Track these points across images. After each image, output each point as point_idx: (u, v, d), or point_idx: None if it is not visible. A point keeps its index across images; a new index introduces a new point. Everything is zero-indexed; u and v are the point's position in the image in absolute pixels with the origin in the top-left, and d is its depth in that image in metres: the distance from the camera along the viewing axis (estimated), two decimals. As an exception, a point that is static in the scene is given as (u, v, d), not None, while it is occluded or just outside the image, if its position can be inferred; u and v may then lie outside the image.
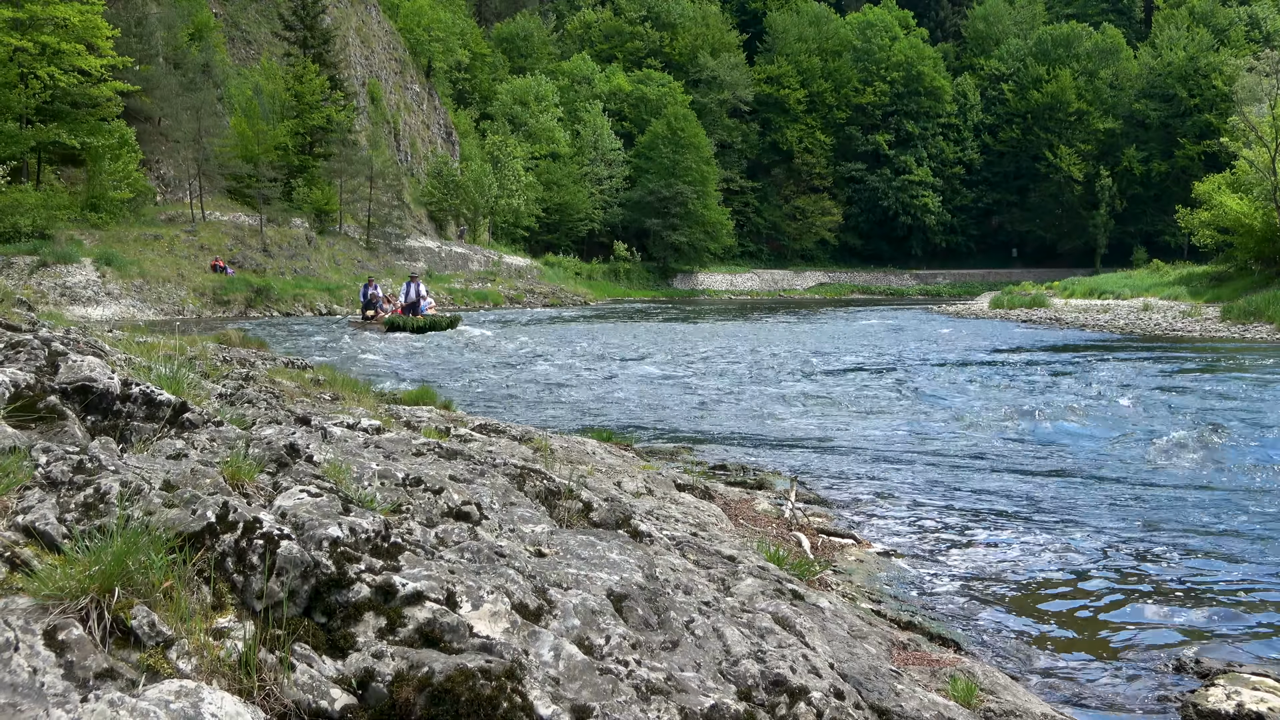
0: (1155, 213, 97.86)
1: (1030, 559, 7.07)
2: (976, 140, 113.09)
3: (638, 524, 4.48)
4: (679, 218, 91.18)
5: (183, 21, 55.24)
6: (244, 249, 47.17)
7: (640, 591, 3.14)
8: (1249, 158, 44.72)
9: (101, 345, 5.06)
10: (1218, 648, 5.38)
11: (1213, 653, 5.23)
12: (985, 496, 9.09)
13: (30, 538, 2.45)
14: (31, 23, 38.07)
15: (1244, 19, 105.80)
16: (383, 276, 48.47)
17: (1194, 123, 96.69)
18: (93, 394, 3.41)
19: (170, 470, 2.99)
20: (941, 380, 19.23)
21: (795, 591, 4.42)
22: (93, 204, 41.88)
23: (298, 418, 5.03)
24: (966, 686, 3.81)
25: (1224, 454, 11.12)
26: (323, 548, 2.57)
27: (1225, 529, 7.86)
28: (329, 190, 56.39)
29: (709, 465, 10.27)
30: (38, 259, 35.78)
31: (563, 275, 77.47)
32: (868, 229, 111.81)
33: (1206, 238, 48.97)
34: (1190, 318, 37.39)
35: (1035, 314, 46.53)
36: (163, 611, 2.26)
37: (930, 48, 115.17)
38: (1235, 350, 26.22)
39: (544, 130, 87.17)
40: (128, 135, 42.37)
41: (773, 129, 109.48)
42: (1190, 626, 5.73)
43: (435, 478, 3.69)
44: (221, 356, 9.95)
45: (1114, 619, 5.83)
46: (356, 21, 74.96)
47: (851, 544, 7.21)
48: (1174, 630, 5.66)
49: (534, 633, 2.60)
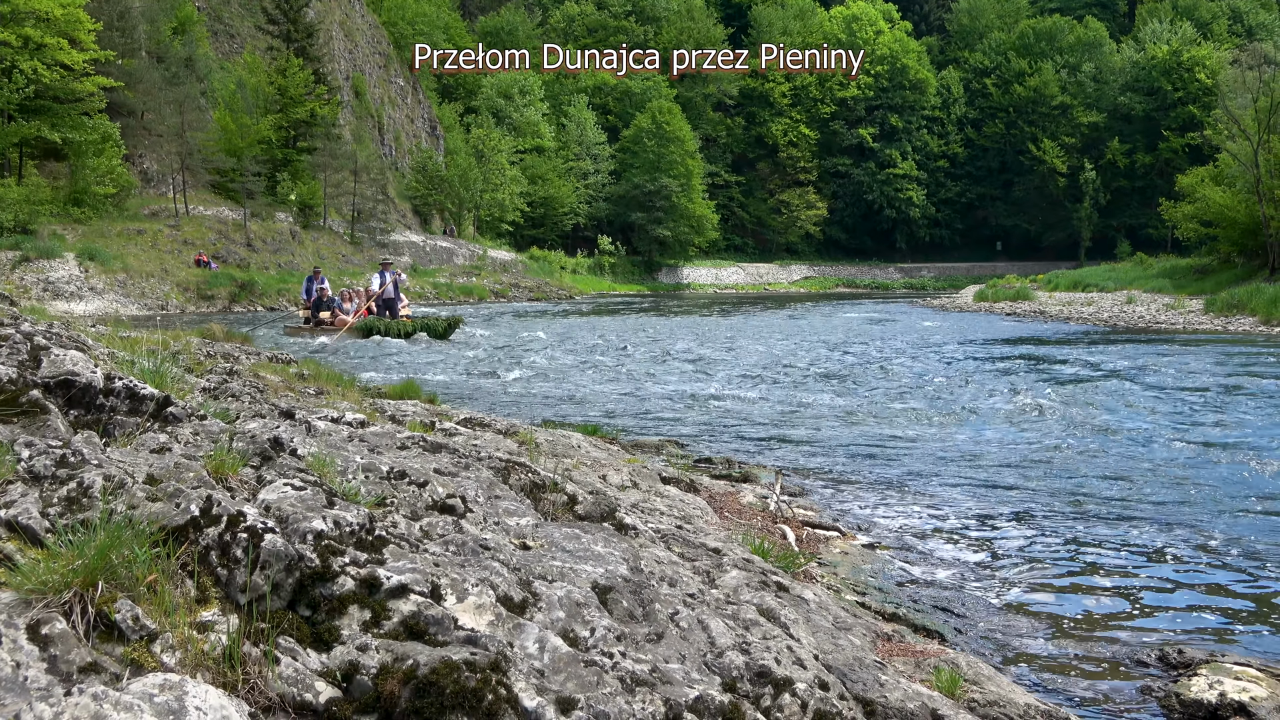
0: (1139, 206, 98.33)
1: (1014, 550, 7.10)
2: (960, 134, 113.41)
3: (623, 517, 4.48)
4: (664, 212, 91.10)
5: (165, 15, 55.05)
6: (228, 243, 47.00)
7: (625, 584, 3.14)
8: (1232, 151, 44.98)
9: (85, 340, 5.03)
10: (1201, 638, 5.42)
11: (1196, 643, 5.26)
12: (969, 489, 9.12)
13: (13, 532, 2.44)
14: (13, 16, 37.87)
15: (1227, 12, 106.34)
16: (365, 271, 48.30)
17: (1178, 115, 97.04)
18: (75, 388, 3.40)
19: (154, 464, 2.98)
20: (926, 373, 19.27)
21: (780, 584, 4.43)
22: (76, 199, 41.71)
23: (282, 411, 5.02)
24: (950, 677, 3.82)
25: (1205, 447, 11.18)
26: (307, 541, 2.57)
27: (1208, 521, 7.90)
28: (313, 184, 56.25)
29: (694, 458, 10.27)
30: (20, 254, 35.63)
31: (548, 269, 77.40)
32: (852, 223, 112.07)
33: (1190, 231, 49.24)
34: (1174, 310, 37.56)
35: (1020, 307, 46.69)
36: (146, 605, 2.26)
37: (915, 41, 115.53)
38: (1217, 343, 26.33)
39: (529, 124, 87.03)
40: (111, 130, 42.19)
41: (757, 123, 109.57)
42: (1174, 617, 5.76)
43: (420, 471, 3.69)
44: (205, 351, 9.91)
45: (1097, 610, 5.85)
46: (340, 15, 74.74)
47: (836, 536, 7.22)
48: (1158, 621, 5.69)
49: (519, 625, 2.60)
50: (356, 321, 25.28)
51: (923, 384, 17.54)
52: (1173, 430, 12.28)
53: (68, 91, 40.70)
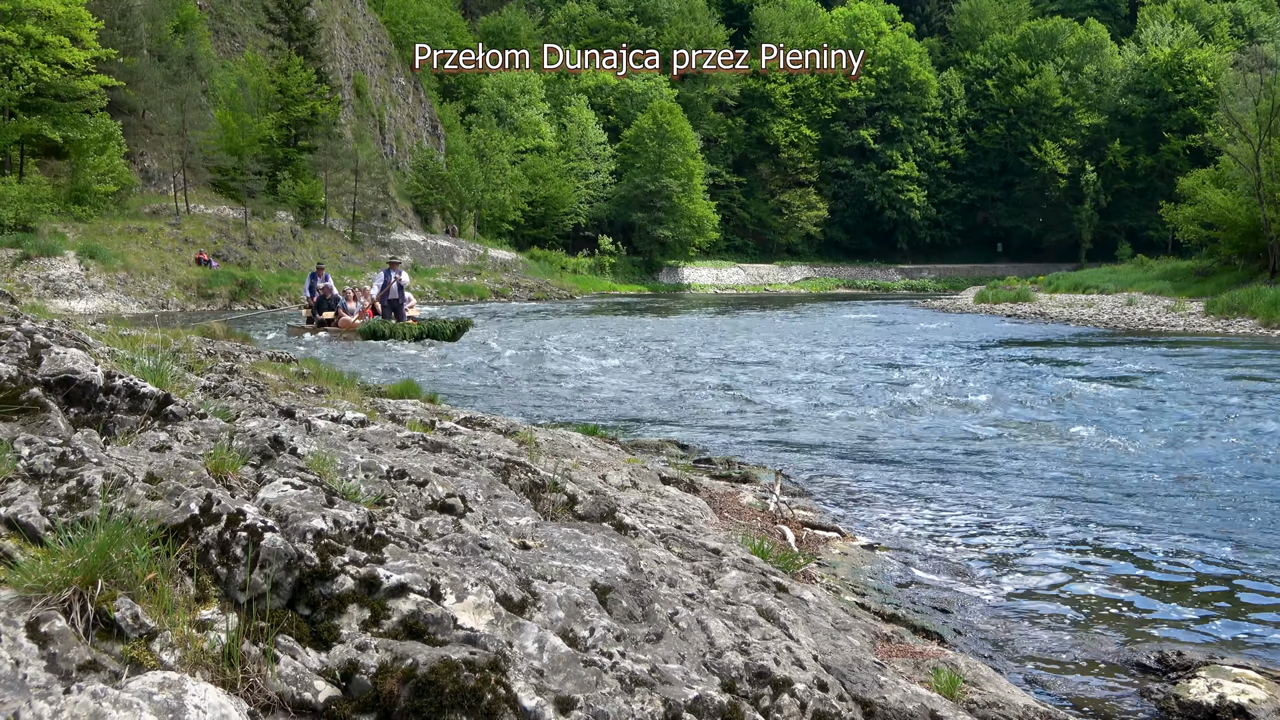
0: (1140, 208, 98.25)
1: (1013, 552, 7.10)
2: (961, 135, 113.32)
3: (622, 517, 4.48)
4: (664, 212, 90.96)
5: (167, 14, 55.04)
6: (228, 242, 46.99)
7: (625, 584, 3.14)
8: (1233, 153, 44.95)
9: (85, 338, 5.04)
10: (1201, 640, 5.42)
11: (1195, 646, 5.26)
12: (969, 490, 9.12)
13: (13, 530, 2.44)
14: (14, 14, 37.86)
15: (1228, 14, 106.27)
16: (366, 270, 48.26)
17: (1179, 118, 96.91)
18: (75, 386, 3.40)
19: (154, 462, 2.98)
20: (926, 375, 19.27)
21: (779, 584, 4.43)
22: (76, 197, 41.70)
23: (282, 410, 5.02)
24: (950, 678, 3.82)
25: (1205, 448, 11.18)
26: (306, 540, 2.57)
27: (1209, 523, 7.90)
28: (314, 184, 56.22)
29: (694, 459, 10.27)
30: (21, 252, 35.61)
31: (548, 269, 77.34)
32: (853, 224, 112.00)
33: (1190, 233, 49.22)
34: (1174, 312, 37.55)
35: (1020, 309, 46.66)
36: (146, 603, 2.26)
37: (916, 42, 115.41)
38: (1217, 345, 26.33)
39: (530, 124, 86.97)
40: (112, 128, 42.18)
41: (758, 123, 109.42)
42: (1174, 619, 5.76)
43: (420, 470, 3.69)
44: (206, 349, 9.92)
45: (1097, 612, 5.86)
46: (341, 14, 74.75)
47: (836, 537, 7.22)
48: (1157, 623, 5.69)
49: (518, 625, 2.60)
50: (360, 323, 24.35)
51: (923, 386, 17.54)
52: (1172, 432, 12.28)
53: (69, 90, 40.67)
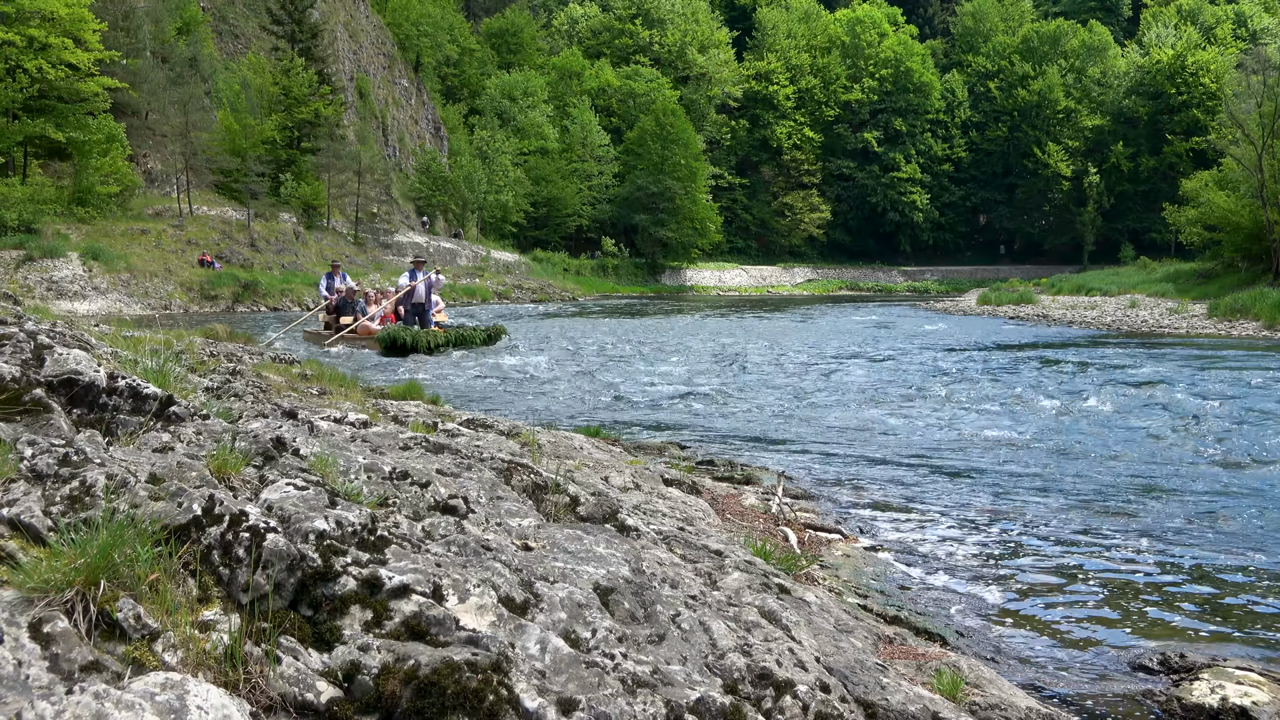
0: (1143, 210, 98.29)
1: (1016, 554, 7.09)
2: (964, 137, 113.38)
3: (625, 518, 4.48)
4: (667, 213, 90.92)
5: (170, 15, 55.18)
6: (231, 243, 47.01)
7: (627, 585, 3.14)
8: (1236, 155, 44.92)
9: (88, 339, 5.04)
10: (1203, 642, 5.41)
11: (1198, 647, 5.25)
12: (971, 492, 9.11)
13: (15, 530, 2.44)
14: (18, 16, 37.93)
15: (1230, 16, 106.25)
16: (370, 272, 48.26)
17: (1182, 120, 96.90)
18: (78, 387, 3.41)
19: (156, 463, 2.98)
20: (928, 376, 19.25)
21: (782, 586, 4.43)
22: (79, 198, 41.74)
23: (284, 411, 5.02)
24: (952, 680, 3.82)
25: (1207, 451, 11.16)
26: (309, 541, 2.57)
27: (1211, 525, 7.89)
28: (316, 185, 56.28)
29: (696, 460, 10.26)
30: (24, 253, 35.65)
31: (551, 271, 77.31)
32: (856, 226, 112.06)
33: (1194, 235, 49.20)
34: (1177, 314, 37.50)
35: (1023, 311, 46.61)
36: (148, 604, 2.26)
37: (919, 44, 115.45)
38: (1220, 347, 26.30)
39: (532, 125, 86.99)
40: (116, 130, 42.25)
41: (761, 125, 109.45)
42: (1176, 621, 5.75)
43: (422, 471, 3.69)
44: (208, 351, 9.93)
45: (1099, 614, 5.85)
46: (345, 16, 74.82)
47: (838, 539, 7.22)
48: (1159, 625, 5.69)
49: (520, 626, 2.61)
50: (380, 330, 21.94)
51: (926, 388, 17.52)
52: (1175, 435, 12.27)
53: (72, 91, 40.75)
